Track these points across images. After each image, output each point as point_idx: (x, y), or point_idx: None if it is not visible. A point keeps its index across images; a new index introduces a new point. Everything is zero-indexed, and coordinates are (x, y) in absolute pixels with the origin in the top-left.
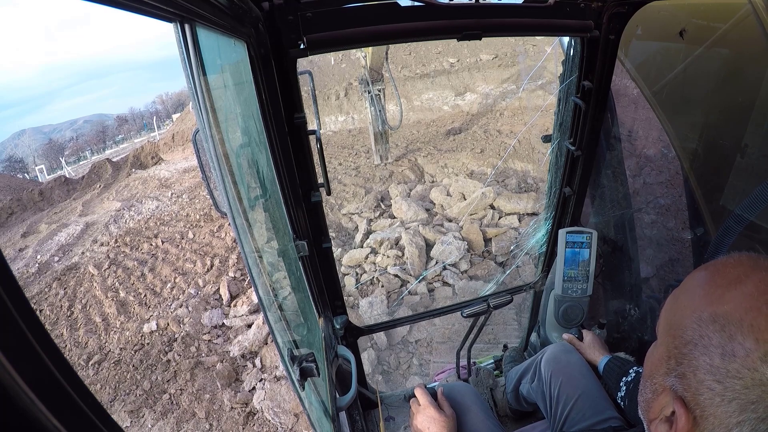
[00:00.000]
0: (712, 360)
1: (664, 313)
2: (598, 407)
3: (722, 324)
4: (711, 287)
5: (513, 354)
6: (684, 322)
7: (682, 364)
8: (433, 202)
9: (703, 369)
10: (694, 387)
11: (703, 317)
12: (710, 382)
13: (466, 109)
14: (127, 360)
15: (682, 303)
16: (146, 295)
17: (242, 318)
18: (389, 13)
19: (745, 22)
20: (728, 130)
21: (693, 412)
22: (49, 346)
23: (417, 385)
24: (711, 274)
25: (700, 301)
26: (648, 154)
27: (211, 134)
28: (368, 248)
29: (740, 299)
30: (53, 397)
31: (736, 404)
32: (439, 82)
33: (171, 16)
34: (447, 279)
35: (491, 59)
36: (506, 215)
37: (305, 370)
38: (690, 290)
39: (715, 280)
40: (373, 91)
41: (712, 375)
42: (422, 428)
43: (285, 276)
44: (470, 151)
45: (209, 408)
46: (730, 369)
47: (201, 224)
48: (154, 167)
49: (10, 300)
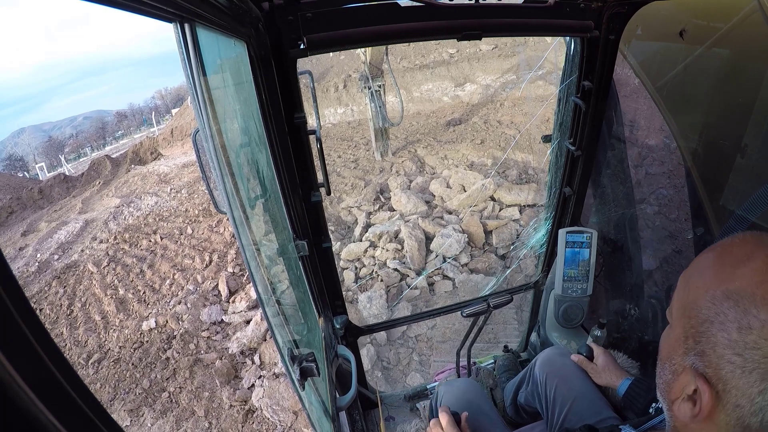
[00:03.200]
0: (730, 335)
1: (677, 297)
2: (595, 408)
3: (736, 300)
4: (721, 266)
5: (506, 362)
6: (698, 302)
7: (701, 342)
8: (433, 194)
9: (722, 344)
10: (714, 363)
11: (716, 295)
12: (730, 355)
13: (465, 99)
14: (127, 358)
15: (695, 284)
16: (145, 292)
17: (241, 314)
18: (389, 13)
19: (750, 19)
20: (731, 128)
21: (716, 387)
22: (49, 346)
23: (442, 408)
24: (719, 255)
25: (712, 281)
26: (650, 146)
27: (211, 134)
28: (367, 242)
29: (751, 275)
30: (53, 397)
31: (757, 374)
32: (438, 73)
33: (171, 16)
34: (447, 272)
35: (491, 49)
36: (507, 207)
37: (305, 370)
38: (700, 271)
39: (723, 260)
40: (373, 87)
41: (731, 349)
42: None
43: (285, 276)
44: (470, 142)
45: (208, 406)
46: (748, 341)
47: (200, 219)
48: (153, 163)
49: (10, 300)
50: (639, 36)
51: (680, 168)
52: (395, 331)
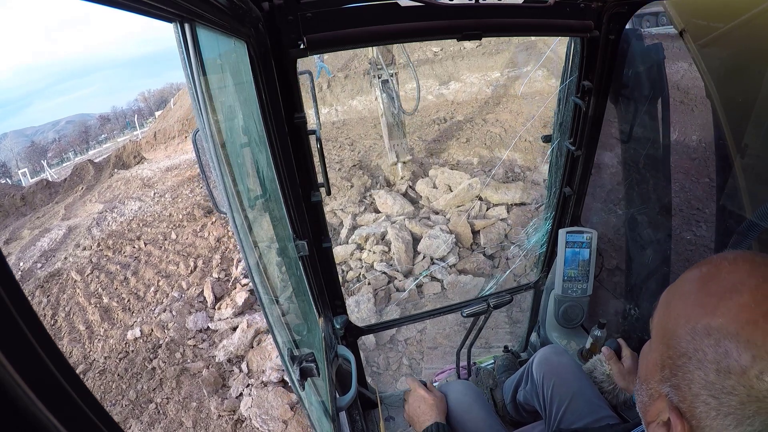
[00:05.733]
0: (707, 375)
1: (657, 315)
2: (592, 407)
3: (717, 338)
4: (705, 295)
5: (505, 362)
6: (677, 331)
7: (677, 376)
8: (420, 195)
9: (698, 383)
10: (689, 399)
11: (697, 329)
12: (705, 396)
13: (450, 98)
14: (112, 369)
15: (676, 309)
16: (129, 300)
17: (227, 321)
18: (389, 13)
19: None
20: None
21: (689, 422)
22: (49, 346)
23: (408, 377)
24: (704, 279)
25: (694, 310)
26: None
27: (210, 134)
28: (354, 244)
29: (735, 311)
30: (53, 397)
31: (732, 418)
32: (422, 72)
33: (171, 16)
34: (435, 274)
35: (475, 47)
36: (494, 206)
37: (305, 370)
38: (683, 296)
39: (708, 287)
40: (386, 75)
41: (707, 390)
42: (413, 408)
43: (285, 276)
44: (456, 141)
45: (196, 417)
46: (725, 385)
47: (184, 224)
48: (136, 167)
49: (10, 300)
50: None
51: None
52: (384, 335)
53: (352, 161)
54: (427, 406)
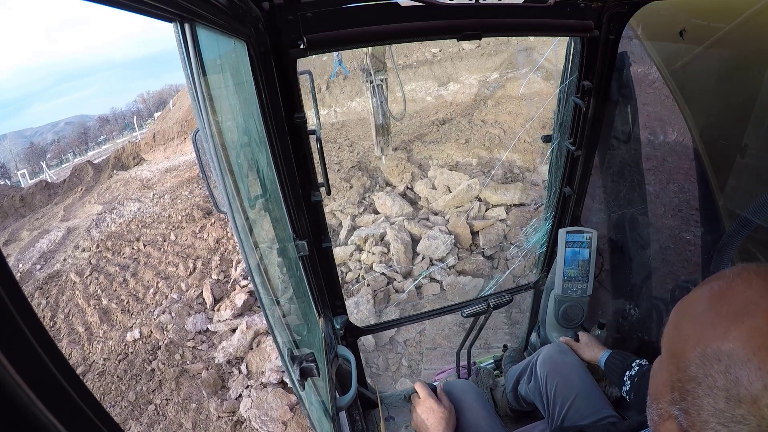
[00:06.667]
0: (717, 403)
1: (667, 333)
2: (595, 406)
3: (727, 364)
4: (716, 316)
5: (513, 354)
6: (687, 354)
7: (686, 400)
8: (419, 195)
9: (707, 410)
10: (698, 425)
11: (707, 353)
12: (714, 424)
13: (449, 99)
14: (111, 370)
15: (685, 329)
16: (129, 302)
17: (226, 322)
18: (389, 13)
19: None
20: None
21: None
22: (49, 347)
23: (417, 381)
24: (715, 299)
25: (704, 332)
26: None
27: (211, 134)
28: (353, 245)
29: (748, 336)
30: (53, 397)
31: None
32: (421, 73)
33: (171, 16)
34: (434, 275)
35: (474, 48)
36: (493, 207)
37: (305, 370)
38: (693, 317)
39: (719, 308)
40: (376, 81)
41: (716, 418)
42: (421, 419)
43: (285, 276)
44: (455, 142)
45: (196, 418)
46: (735, 414)
47: (183, 225)
48: (135, 168)
49: (10, 300)
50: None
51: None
52: (383, 336)
53: (351, 162)
54: (436, 420)
